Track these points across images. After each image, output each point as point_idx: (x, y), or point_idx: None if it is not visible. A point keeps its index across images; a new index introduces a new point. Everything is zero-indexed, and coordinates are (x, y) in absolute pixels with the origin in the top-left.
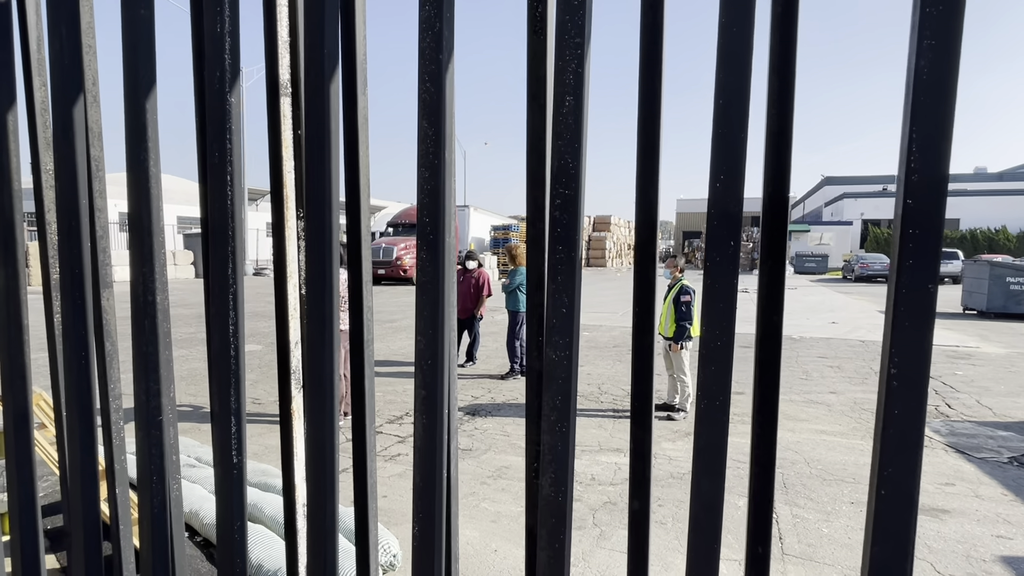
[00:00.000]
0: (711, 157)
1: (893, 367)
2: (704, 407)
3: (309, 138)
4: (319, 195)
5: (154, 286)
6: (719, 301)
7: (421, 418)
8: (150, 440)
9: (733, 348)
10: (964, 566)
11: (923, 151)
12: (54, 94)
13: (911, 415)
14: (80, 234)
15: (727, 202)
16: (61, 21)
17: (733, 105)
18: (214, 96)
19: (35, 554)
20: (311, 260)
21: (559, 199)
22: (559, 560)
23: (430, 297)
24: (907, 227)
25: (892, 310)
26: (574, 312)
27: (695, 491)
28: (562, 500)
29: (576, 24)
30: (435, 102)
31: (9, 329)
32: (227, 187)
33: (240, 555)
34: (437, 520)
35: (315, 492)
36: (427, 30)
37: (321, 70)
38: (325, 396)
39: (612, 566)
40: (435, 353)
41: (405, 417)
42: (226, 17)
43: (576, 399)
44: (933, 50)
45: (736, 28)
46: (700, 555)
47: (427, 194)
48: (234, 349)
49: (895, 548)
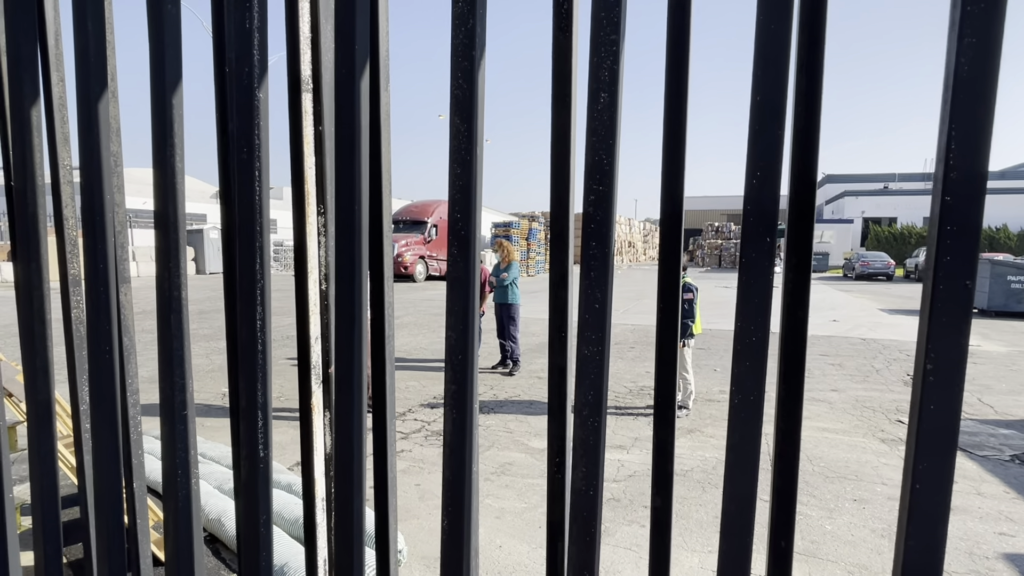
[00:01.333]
0: (747, 154)
1: (929, 363)
2: (738, 402)
3: (339, 134)
4: (348, 191)
5: (180, 281)
6: (754, 297)
7: (451, 413)
8: (175, 434)
9: (768, 344)
10: (967, 563)
11: (962, 149)
12: (79, 90)
13: (946, 411)
14: (104, 229)
15: (763, 199)
16: (87, 16)
17: (770, 102)
18: (242, 92)
19: (57, 548)
20: (340, 256)
21: (593, 195)
22: (589, 553)
23: (462, 293)
24: (945, 224)
25: (929, 306)
26: (606, 308)
27: (728, 486)
28: (593, 494)
29: (612, 21)
30: (468, 99)
31: (33, 324)
32: (255, 183)
33: (266, 551)
34: (466, 513)
35: (342, 487)
36: (460, 26)
37: (352, 66)
38: (353, 391)
39: (616, 562)
40: (465, 348)
41: (408, 413)
42: (255, 13)
43: (607, 394)
44: (973, 48)
45: (774, 26)
46: (733, 551)
47: (459, 190)
48: (261, 344)
49: (929, 541)
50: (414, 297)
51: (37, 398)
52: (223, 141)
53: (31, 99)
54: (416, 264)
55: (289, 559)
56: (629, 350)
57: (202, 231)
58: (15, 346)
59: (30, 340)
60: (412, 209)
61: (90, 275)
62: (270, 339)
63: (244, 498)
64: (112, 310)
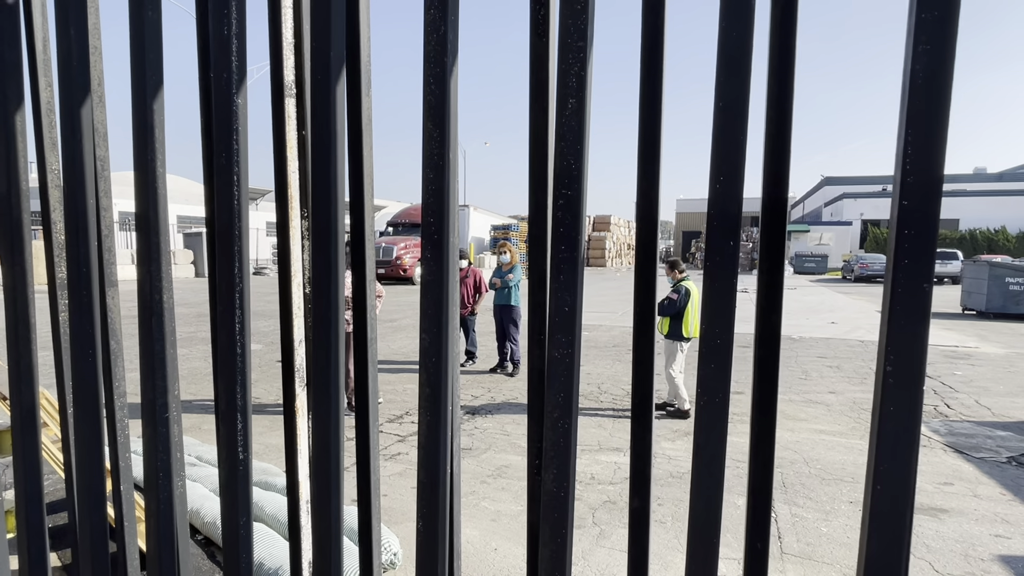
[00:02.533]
0: (711, 159)
1: (889, 365)
2: (704, 404)
3: (316, 139)
4: (325, 195)
5: (161, 285)
6: (719, 300)
7: (425, 415)
8: (157, 437)
9: (732, 346)
10: (962, 565)
11: (918, 154)
12: (62, 95)
13: (906, 412)
14: (88, 233)
15: (726, 203)
16: (70, 22)
17: (732, 108)
18: (221, 98)
19: (42, 551)
20: (317, 259)
21: (562, 199)
22: (560, 555)
23: (434, 295)
24: (903, 228)
25: (888, 309)
26: (576, 310)
27: (695, 487)
28: (564, 496)
29: (579, 28)
30: (439, 104)
31: (17, 327)
32: (233, 187)
33: (246, 551)
34: (441, 516)
35: (320, 489)
36: (432, 33)
37: (328, 72)
38: (331, 395)
39: (612, 565)
40: (439, 351)
41: (405, 416)
42: (233, 20)
43: (578, 397)
44: (928, 55)
45: (736, 32)
46: (699, 552)
47: (432, 194)
48: (240, 347)
49: (891, 543)
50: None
51: (22, 401)
52: (208, 145)
53: (15, 104)
54: (415, 267)
55: (283, 561)
56: (627, 352)
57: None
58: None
59: (15, 343)
60: (411, 212)
61: (73, 278)
62: (250, 342)
63: (225, 498)
64: (95, 313)
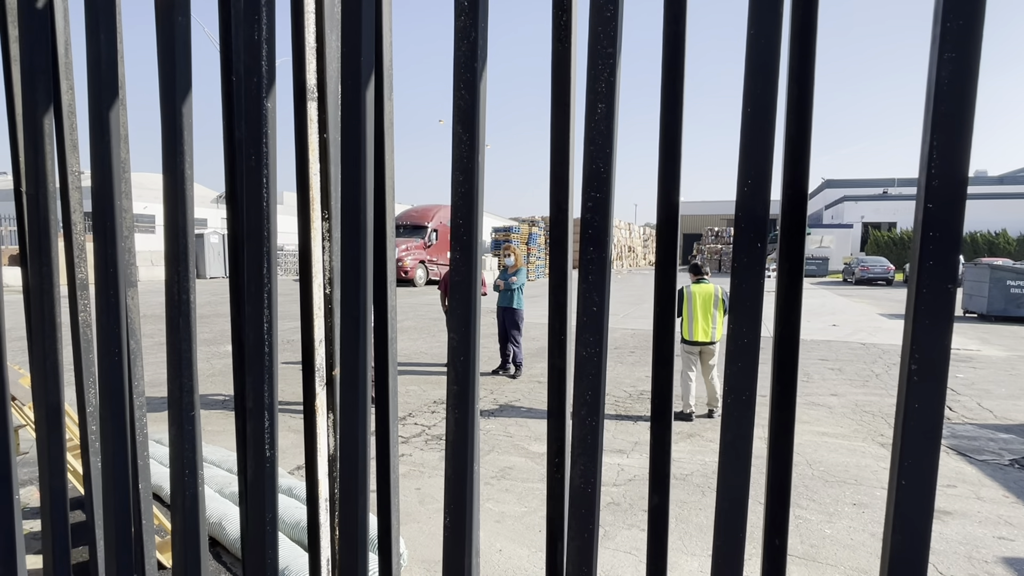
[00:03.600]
0: (739, 163)
1: (913, 363)
2: (731, 402)
3: (345, 142)
4: (354, 197)
5: (188, 285)
6: (746, 300)
7: (454, 412)
8: (183, 435)
9: (759, 345)
10: (966, 567)
11: (943, 159)
12: (91, 98)
13: (930, 409)
14: (115, 234)
15: (754, 206)
16: (100, 27)
17: (760, 113)
18: (251, 102)
19: (65, 549)
20: (345, 260)
21: (591, 202)
22: (588, 550)
23: (463, 296)
24: (928, 230)
25: (913, 309)
26: (604, 310)
27: (722, 486)
28: (591, 491)
29: (608, 35)
30: (470, 108)
31: (43, 327)
32: (263, 190)
33: (272, 548)
34: (467, 511)
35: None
36: (463, 39)
37: (358, 76)
38: (358, 392)
39: (616, 566)
40: (468, 350)
41: (408, 418)
42: (263, 25)
43: (605, 394)
44: (953, 62)
45: (764, 40)
46: (726, 549)
47: (461, 196)
48: (268, 346)
49: (914, 536)
50: (414, 301)
51: (47, 400)
52: (230, 148)
53: (44, 107)
54: (416, 269)
55: (290, 562)
56: (629, 354)
57: (203, 235)
58: (15, 351)
59: (41, 342)
60: (412, 214)
61: (100, 279)
62: (277, 341)
63: (250, 498)
64: (122, 313)
